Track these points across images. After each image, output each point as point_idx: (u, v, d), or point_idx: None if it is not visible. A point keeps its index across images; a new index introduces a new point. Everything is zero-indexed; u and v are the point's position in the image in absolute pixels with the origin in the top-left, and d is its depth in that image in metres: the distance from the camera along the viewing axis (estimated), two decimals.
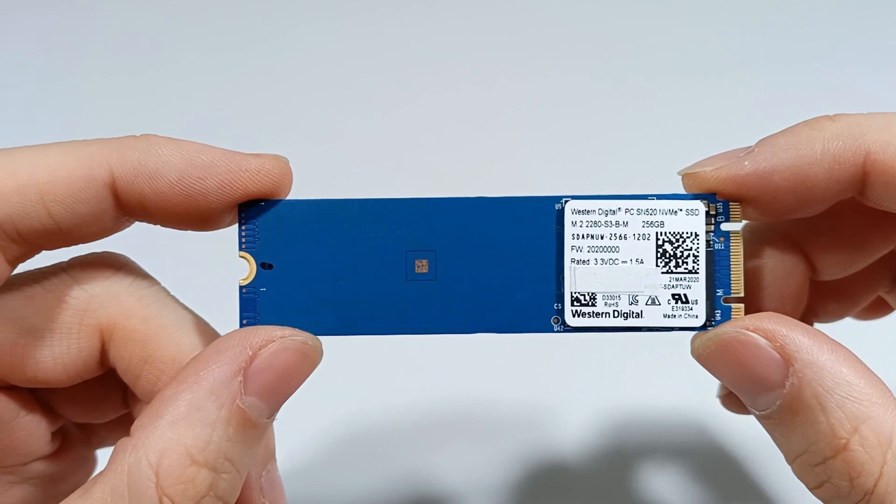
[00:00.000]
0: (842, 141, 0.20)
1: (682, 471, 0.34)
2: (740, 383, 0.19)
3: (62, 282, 0.21)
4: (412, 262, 0.20)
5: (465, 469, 0.34)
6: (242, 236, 0.20)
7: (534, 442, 0.35)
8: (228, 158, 0.20)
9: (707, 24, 0.47)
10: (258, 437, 0.19)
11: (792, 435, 0.18)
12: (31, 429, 0.22)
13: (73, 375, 0.22)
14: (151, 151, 0.19)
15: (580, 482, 0.34)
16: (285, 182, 0.20)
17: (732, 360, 0.19)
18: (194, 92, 0.45)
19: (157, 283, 0.22)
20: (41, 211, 0.19)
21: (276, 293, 0.20)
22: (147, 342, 0.21)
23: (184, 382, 0.18)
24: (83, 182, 0.19)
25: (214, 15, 0.47)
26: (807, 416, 0.18)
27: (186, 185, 0.19)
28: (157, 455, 0.17)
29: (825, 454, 0.18)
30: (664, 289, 0.20)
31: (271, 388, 0.19)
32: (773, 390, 0.18)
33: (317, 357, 0.20)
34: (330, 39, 0.46)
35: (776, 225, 0.24)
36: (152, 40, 0.47)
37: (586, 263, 0.20)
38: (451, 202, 0.20)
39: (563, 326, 0.20)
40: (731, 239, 0.20)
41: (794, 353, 0.18)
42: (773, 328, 0.18)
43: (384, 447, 0.35)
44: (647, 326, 0.20)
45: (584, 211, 0.20)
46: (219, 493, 0.18)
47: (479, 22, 0.47)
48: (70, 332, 0.21)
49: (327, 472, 0.34)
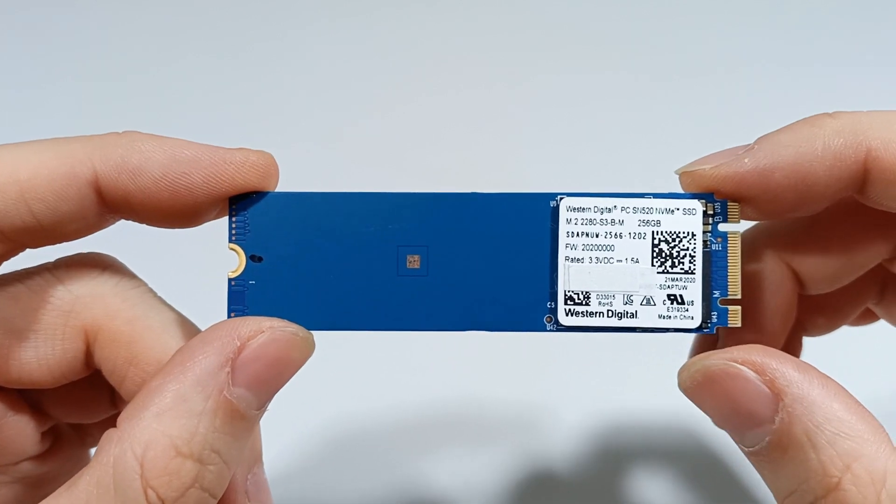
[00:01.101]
0: (843, 138, 0.19)
1: (676, 472, 0.33)
2: (728, 418, 0.19)
3: (47, 282, 0.21)
4: (404, 257, 0.20)
5: (457, 471, 0.34)
6: (233, 228, 0.20)
7: (528, 443, 0.34)
8: (212, 152, 0.19)
9: (705, 22, 0.47)
10: (247, 429, 0.19)
11: (781, 472, 0.18)
12: (19, 428, 0.22)
13: (58, 376, 0.21)
14: (134, 148, 0.19)
15: (574, 483, 0.34)
16: (271, 174, 0.20)
17: (720, 394, 0.18)
18: (190, 94, 0.45)
19: (143, 284, 0.22)
20: (23, 209, 0.19)
21: (266, 286, 0.20)
22: (132, 344, 0.21)
23: (170, 373, 0.18)
24: (65, 180, 0.19)
25: (213, 15, 0.47)
26: (796, 454, 0.17)
27: (171, 181, 0.19)
28: (142, 447, 0.17)
29: (816, 493, 0.17)
30: (660, 289, 0.20)
31: (260, 380, 0.18)
32: (762, 426, 0.18)
33: (308, 349, 0.19)
34: (328, 40, 0.46)
35: (763, 240, 0.23)
36: (148, 41, 0.47)
37: (581, 262, 0.20)
38: (444, 197, 0.20)
39: (557, 326, 0.20)
40: (728, 240, 0.20)
41: (783, 387, 0.17)
42: (763, 361, 0.18)
43: (375, 449, 0.34)
44: (642, 327, 0.20)
45: (579, 209, 0.20)
46: (205, 484, 0.18)
47: (477, 21, 0.47)
48: (55, 333, 0.21)
49: (316, 474, 0.34)
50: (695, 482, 0.33)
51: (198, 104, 0.44)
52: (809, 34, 0.46)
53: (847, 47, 0.45)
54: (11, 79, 0.45)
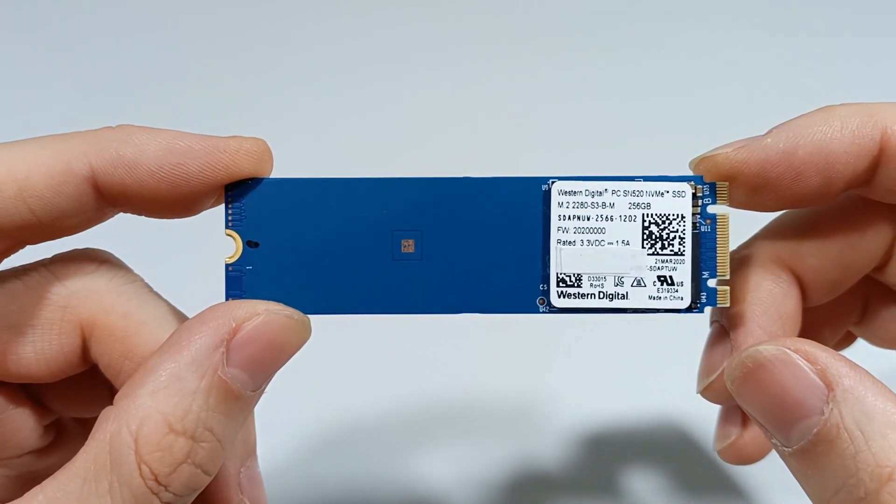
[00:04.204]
0: (858, 117, 0.20)
1: (670, 460, 0.34)
2: (775, 410, 0.18)
3: (43, 278, 0.21)
4: (398, 241, 0.20)
5: (451, 462, 0.34)
6: (229, 214, 0.20)
7: (522, 435, 0.35)
8: (206, 141, 0.20)
9: (702, 20, 0.47)
10: (241, 409, 0.19)
11: (828, 469, 0.17)
12: (20, 422, 0.22)
13: (55, 371, 0.22)
14: (129, 141, 0.19)
15: (567, 473, 0.34)
16: (266, 160, 0.20)
17: (770, 382, 0.18)
18: (183, 86, 0.45)
19: (138, 279, 0.22)
20: (21, 207, 0.19)
21: (262, 271, 0.20)
22: (127, 338, 0.21)
23: (167, 353, 0.18)
24: (62, 176, 0.19)
25: (210, 12, 0.47)
26: (846, 446, 0.17)
27: (167, 172, 0.19)
28: (136, 423, 0.18)
29: (867, 486, 0.16)
30: (650, 270, 0.20)
31: (254, 361, 0.19)
32: (811, 417, 0.17)
33: (303, 333, 0.20)
34: (319, 28, 0.46)
35: (768, 250, 0.23)
36: (144, 42, 0.47)
37: (572, 244, 0.20)
38: (437, 182, 0.20)
39: (549, 307, 0.20)
40: (717, 221, 0.20)
41: (836, 377, 0.17)
42: (815, 351, 0.18)
43: (367, 442, 0.34)
44: (633, 308, 0.20)
45: (570, 192, 0.20)
46: (197, 461, 0.18)
47: (472, 14, 0.47)
48: (51, 328, 0.21)
49: (307, 468, 0.34)
50: (687, 471, 0.33)
51: (191, 96, 0.45)
52: (807, 30, 0.46)
53: (844, 46, 0.45)
54: (5, 74, 0.46)
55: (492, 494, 0.33)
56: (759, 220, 0.23)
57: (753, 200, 0.21)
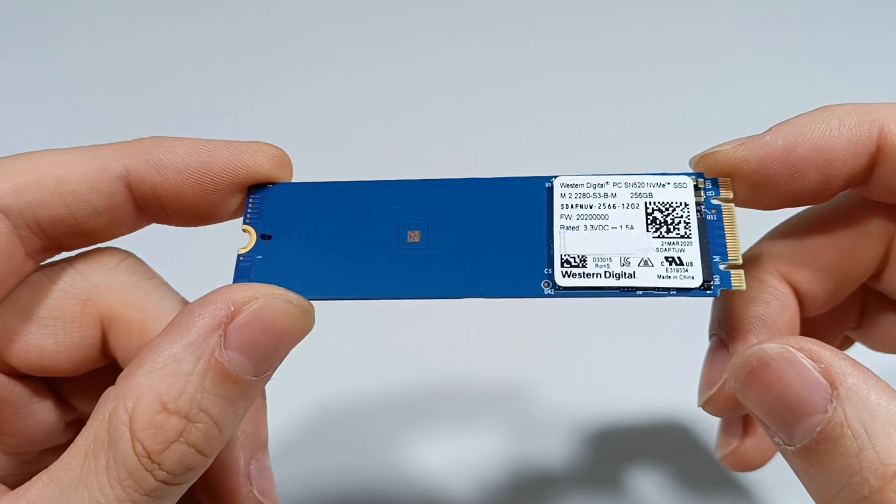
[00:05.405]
0: (856, 116, 0.21)
1: (668, 449, 0.33)
2: (778, 408, 0.18)
3: (65, 272, 0.22)
4: (404, 232, 0.21)
5: (447, 448, 0.33)
6: (248, 211, 0.22)
7: (519, 424, 0.34)
8: (229, 144, 0.22)
9: (702, 20, 0.48)
10: (242, 394, 0.19)
11: (831, 467, 0.17)
12: (42, 416, 0.23)
13: (76, 364, 0.22)
14: (159, 144, 0.21)
15: (563, 462, 0.33)
16: (285, 164, 0.22)
17: (774, 380, 0.18)
18: (196, 99, 0.46)
19: (157, 276, 0.23)
20: (58, 202, 0.21)
21: (272, 261, 0.21)
22: (144, 332, 0.22)
23: (167, 335, 0.19)
24: (97, 174, 0.21)
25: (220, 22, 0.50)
26: (849, 444, 0.17)
27: (194, 170, 0.21)
28: (132, 401, 0.18)
29: (871, 484, 0.16)
30: (657, 252, 0.20)
31: (253, 344, 0.19)
32: (814, 415, 0.17)
33: (304, 318, 0.20)
34: (324, 34, 0.49)
35: (766, 259, 0.23)
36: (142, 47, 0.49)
37: (576, 230, 0.20)
38: (443, 183, 0.21)
39: (555, 289, 0.20)
40: (723, 210, 0.20)
41: (840, 376, 0.17)
42: (818, 350, 0.18)
43: (363, 429, 0.34)
44: (642, 287, 0.20)
45: (572, 185, 0.21)
46: (190, 440, 0.18)
47: (473, 15, 0.50)
48: (73, 321, 0.22)
49: (306, 455, 0.33)
50: (689, 465, 0.32)
51: (204, 110, 0.46)
52: (807, 29, 0.47)
53: (842, 47, 0.46)
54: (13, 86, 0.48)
55: (489, 481, 0.32)
56: (758, 221, 0.23)
57: (753, 198, 0.21)
